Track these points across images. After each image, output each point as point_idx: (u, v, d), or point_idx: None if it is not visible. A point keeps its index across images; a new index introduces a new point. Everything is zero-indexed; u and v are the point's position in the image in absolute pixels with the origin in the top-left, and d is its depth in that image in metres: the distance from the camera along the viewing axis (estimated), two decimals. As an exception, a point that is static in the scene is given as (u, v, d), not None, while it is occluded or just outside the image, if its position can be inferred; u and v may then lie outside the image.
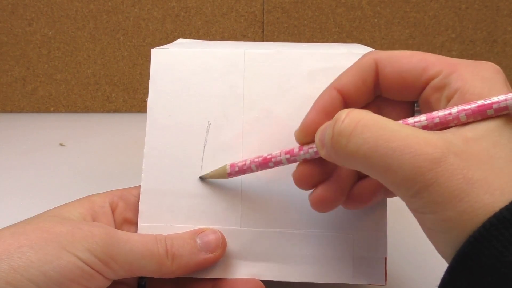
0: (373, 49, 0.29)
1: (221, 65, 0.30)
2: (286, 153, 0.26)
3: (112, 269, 0.24)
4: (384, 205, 0.28)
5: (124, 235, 0.25)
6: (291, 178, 0.27)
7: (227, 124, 0.29)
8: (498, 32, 0.61)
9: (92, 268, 0.23)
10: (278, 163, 0.26)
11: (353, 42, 0.62)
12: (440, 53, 0.62)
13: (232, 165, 0.27)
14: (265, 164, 0.26)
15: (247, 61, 0.30)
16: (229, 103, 0.29)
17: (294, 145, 0.27)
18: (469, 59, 0.23)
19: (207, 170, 0.28)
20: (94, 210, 0.27)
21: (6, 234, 0.23)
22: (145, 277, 0.29)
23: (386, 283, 0.28)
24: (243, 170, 0.27)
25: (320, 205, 0.25)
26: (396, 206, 0.39)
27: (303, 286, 0.31)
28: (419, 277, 0.21)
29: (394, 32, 0.62)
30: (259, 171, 0.27)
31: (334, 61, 0.29)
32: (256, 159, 0.26)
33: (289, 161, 0.26)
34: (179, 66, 0.30)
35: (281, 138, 0.29)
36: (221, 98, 0.29)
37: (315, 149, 0.24)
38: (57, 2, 0.62)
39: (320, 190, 0.25)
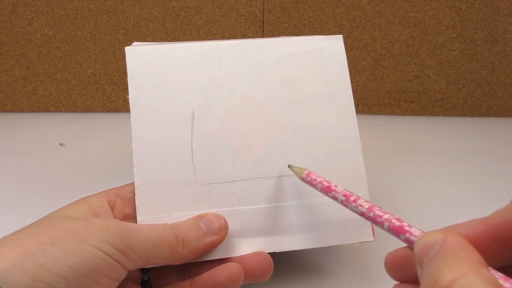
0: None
1: (196, 57, 0.32)
2: (352, 201, 0.24)
3: (130, 259, 0.24)
4: (361, 165, 0.31)
5: (136, 226, 0.26)
6: (278, 157, 0.31)
7: (210, 113, 0.31)
8: (499, 31, 0.61)
9: (113, 259, 0.23)
10: (335, 198, 0.26)
11: (353, 41, 0.62)
12: (441, 53, 0.62)
13: (308, 174, 0.28)
14: (328, 190, 0.26)
15: (220, 52, 0.32)
16: (209, 92, 0.31)
17: (274, 126, 0.31)
18: (469, 59, 0.22)
19: (198, 158, 0.30)
20: (94, 210, 0.27)
21: (22, 236, 0.23)
22: (148, 272, 0.29)
23: (374, 238, 0.30)
24: (311, 184, 0.28)
25: None
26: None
27: (300, 254, 0.34)
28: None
29: (394, 32, 0.62)
30: (321, 192, 0.27)
31: (299, 46, 0.33)
32: (325, 183, 0.26)
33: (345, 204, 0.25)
34: (155, 62, 0.31)
35: (262, 120, 0.31)
36: (201, 88, 0.31)
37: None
38: (57, 2, 0.62)
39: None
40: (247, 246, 0.29)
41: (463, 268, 0.16)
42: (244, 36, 0.63)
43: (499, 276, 0.16)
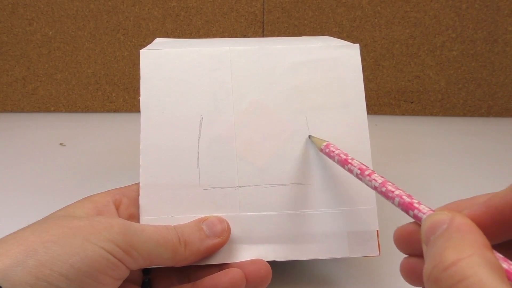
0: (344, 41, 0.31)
1: (208, 62, 0.32)
2: (368, 175, 0.25)
3: (133, 258, 0.24)
4: None
5: (139, 226, 0.25)
6: (284, 165, 0.30)
7: (219, 117, 0.31)
8: (499, 31, 0.61)
9: (116, 258, 0.23)
10: (350, 171, 0.26)
11: (354, 41, 0.62)
12: (441, 53, 0.62)
13: (326, 145, 0.29)
14: (344, 163, 0.27)
15: (232, 57, 0.32)
16: (219, 97, 0.31)
17: (283, 133, 0.30)
18: (469, 59, 0.22)
19: (203, 161, 0.30)
20: (98, 209, 0.27)
21: (26, 234, 0.23)
22: (149, 273, 0.29)
23: (380, 253, 0.30)
24: (329, 156, 0.28)
25: None
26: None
27: (302, 264, 0.34)
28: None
29: (394, 32, 0.62)
30: (338, 164, 0.28)
31: (314, 54, 0.32)
32: (343, 156, 0.27)
33: (359, 176, 0.25)
34: (169, 65, 0.31)
35: (270, 127, 0.31)
36: (211, 93, 0.31)
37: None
38: (57, 2, 0.62)
39: None
40: (247, 252, 0.29)
41: (467, 250, 0.16)
42: (244, 36, 0.63)
43: (498, 256, 0.17)
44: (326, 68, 0.32)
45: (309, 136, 0.31)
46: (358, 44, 0.33)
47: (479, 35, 0.61)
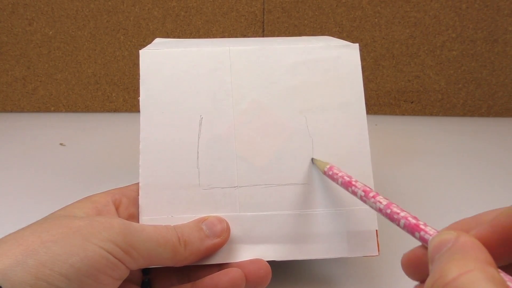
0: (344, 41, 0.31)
1: (208, 62, 0.32)
2: (373, 197, 0.25)
3: (133, 258, 0.24)
4: (370, 178, 0.31)
5: (139, 226, 0.25)
6: (284, 165, 0.30)
7: (218, 117, 0.31)
8: (499, 31, 0.61)
9: (116, 257, 0.23)
10: (354, 193, 0.26)
11: (353, 41, 0.62)
12: (441, 53, 0.62)
13: (330, 168, 0.29)
14: (348, 185, 0.27)
15: (232, 57, 0.32)
16: (219, 97, 0.31)
17: (282, 133, 0.30)
18: (469, 59, 0.22)
19: (203, 161, 0.30)
20: (98, 209, 0.27)
21: (26, 234, 0.23)
22: (149, 273, 0.29)
23: (379, 253, 0.30)
24: (332, 178, 0.28)
25: None
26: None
27: (302, 264, 0.34)
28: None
29: (394, 32, 0.62)
30: (341, 187, 0.28)
31: (314, 54, 0.32)
32: (346, 178, 0.27)
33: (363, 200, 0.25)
34: (168, 65, 0.31)
35: (270, 127, 0.31)
36: (211, 93, 0.31)
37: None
38: (57, 2, 0.62)
39: None
40: (247, 252, 0.29)
41: (469, 265, 0.16)
42: (244, 36, 0.63)
43: (508, 278, 0.16)
44: (326, 68, 0.32)
45: (312, 159, 0.31)
46: (357, 44, 0.33)
47: (479, 35, 0.61)
